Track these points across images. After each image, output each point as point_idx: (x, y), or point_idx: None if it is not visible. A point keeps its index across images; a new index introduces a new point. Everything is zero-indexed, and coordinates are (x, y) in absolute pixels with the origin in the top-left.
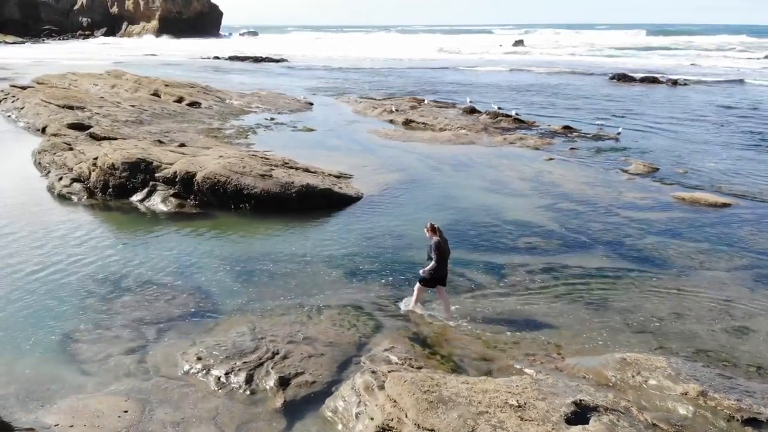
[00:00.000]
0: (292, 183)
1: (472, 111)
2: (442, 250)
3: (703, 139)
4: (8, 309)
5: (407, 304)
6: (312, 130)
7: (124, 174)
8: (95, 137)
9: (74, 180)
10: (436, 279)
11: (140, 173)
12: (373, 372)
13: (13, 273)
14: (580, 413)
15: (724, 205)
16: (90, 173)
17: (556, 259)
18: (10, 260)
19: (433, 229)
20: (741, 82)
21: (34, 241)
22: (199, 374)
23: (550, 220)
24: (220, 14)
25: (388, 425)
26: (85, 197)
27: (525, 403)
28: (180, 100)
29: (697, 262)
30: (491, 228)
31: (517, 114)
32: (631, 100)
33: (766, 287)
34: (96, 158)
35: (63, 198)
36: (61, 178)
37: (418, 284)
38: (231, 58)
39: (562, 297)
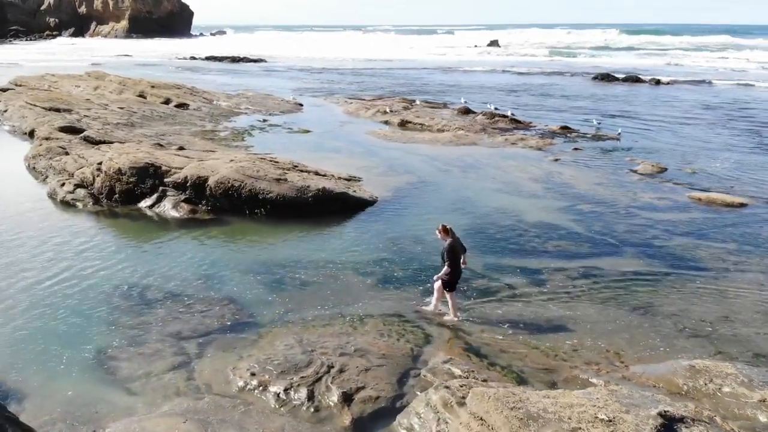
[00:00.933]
0: (308, 187)
1: (466, 111)
2: (455, 253)
3: (701, 138)
4: (32, 325)
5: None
6: (308, 131)
7: (131, 179)
8: (90, 141)
9: (77, 186)
10: (455, 281)
11: (149, 178)
12: (447, 387)
13: (32, 287)
14: (668, 425)
15: (741, 205)
16: (94, 179)
17: (590, 263)
18: (26, 273)
19: (446, 231)
20: (709, 83)
21: (45, 251)
22: (256, 391)
23: (573, 223)
24: (191, 14)
25: None
26: (91, 204)
27: (614, 417)
28: (167, 101)
29: (729, 263)
30: (517, 231)
31: (513, 114)
32: (620, 99)
33: None
34: (100, 163)
35: (67, 205)
36: (63, 184)
37: (444, 290)
38: (208, 59)
39: (607, 302)
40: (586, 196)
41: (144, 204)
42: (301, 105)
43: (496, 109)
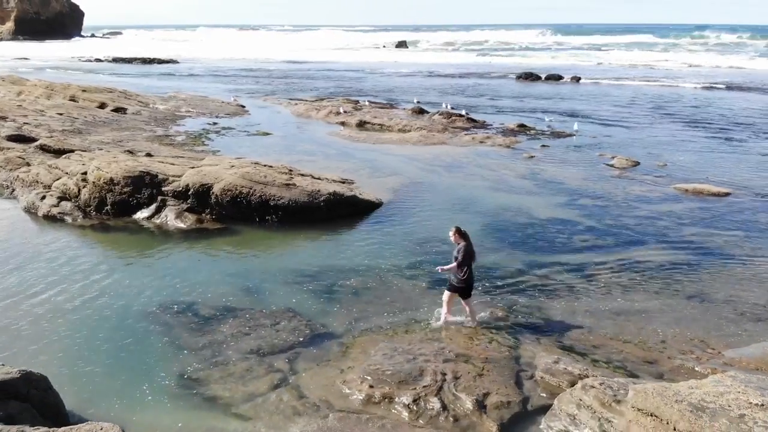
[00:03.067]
0: (319, 191)
1: (420, 111)
2: (470, 256)
3: (652, 133)
4: (89, 356)
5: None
6: (268, 134)
7: (126, 189)
8: (48, 150)
9: (61, 198)
10: (468, 286)
11: (145, 188)
12: (593, 387)
13: (66, 314)
14: None
15: (726, 195)
16: (80, 190)
17: (623, 255)
18: (58, 298)
19: (461, 233)
20: (633, 79)
21: (56, 272)
22: (382, 404)
23: (583, 217)
24: (82, 14)
25: None
26: (81, 217)
27: (763, 402)
28: (102, 105)
29: (747, 249)
30: (537, 228)
31: (468, 114)
32: (557, 97)
33: None
34: (84, 173)
35: (53, 219)
36: (43, 197)
37: (454, 296)
38: (116, 60)
39: (660, 293)
40: (580, 191)
41: (141, 215)
42: (244, 107)
43: (452, 108)
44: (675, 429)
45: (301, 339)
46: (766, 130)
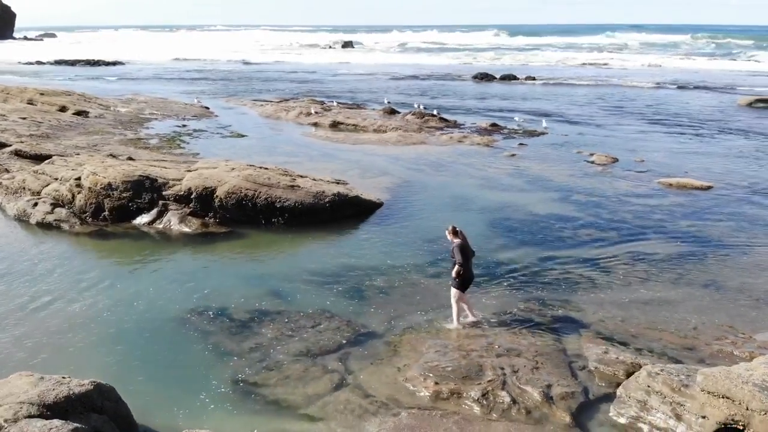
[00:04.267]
0: (323, 192)
1: (392, 112)
2: (465, 253)
3: (620, 130)
4: (140, 366)
5: (455, 319)
6: (243, 136)
7: (125, 194)
8: (23, 155)
9: (54, 205)
10: (466, 282)
11: (145, 192)
12: (659, 373)
13: (98, 325)
14: None
15: (709, 188)
16: (74, 196)
17: (630, 248)
18: (84, 308)
19: (455, 232)
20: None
21: (72, 282)
22: (451, 400)
23: (579, 212)
24: (13, 15)
25: (732, 419)
26: (78, 224)
27: None
28: (63, 109)
29: (743, 238)
30: (540, 224)
31: (439, 114)
32: (510, 97)
33: None
34: (78, 179)
35: (47, 227)
36: (35, 204)
37: (455, 294)
38: (58, 62)
39: (677, 282)
40: (569, 187)
41: (141, 220)
42: (208, 108)
43: (424, 108)
44: (748, 408)
45: (345, 339)
46: (728, 126)
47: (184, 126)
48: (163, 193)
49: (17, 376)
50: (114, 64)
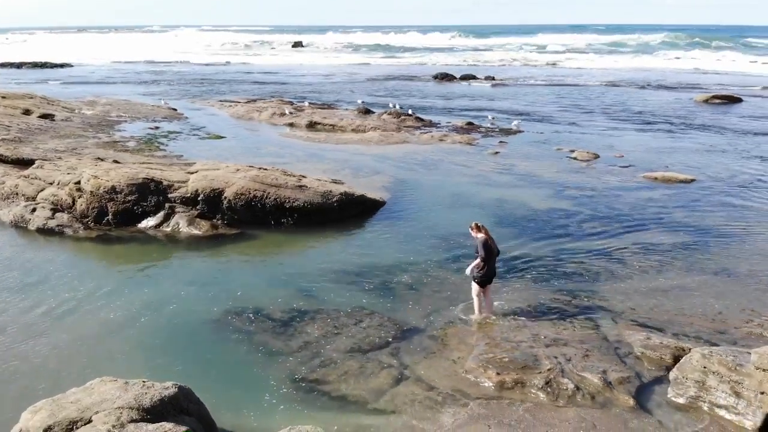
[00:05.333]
0: (331, 192)
1: (366, 111)
2: (489, 248)
3: (592, 127)
4: (192, 369)
5: (477, 311)
6: (221, 137)
7: (129, 197)
8: (3, 160)
9: (54, 210)
10: (488, 278)
11: (151, 195)
12: (713, 354)
13: (133, 329)
14: None
15: (692, 181)
16: (74, 200)
17: (634, 239)
18: (113, 314)
19: (478, 228)
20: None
21: (92, 288)
22: (516, 389)
23: (578, 206)
24: None
25: None
26: (81, 229)
27: None
28: (27, 112)
29: (738, 227)
30: (543, 218)
31: (414, 113)
32: (475, 97)
33: None
34: (78, 182)
35: (49, 233)
36: (34, 209)
37: (475, 288)
38: (2, 65)
39: (690, 270)
40: (560, 182)
41: (147, 224)
42: (176, 109)
43: (400, 108)
44: None
45: (391, 335)
46: (693, 122)
47: (157, 128)
48: (169, 195)
49: (100, 382)
50: (62, 66)
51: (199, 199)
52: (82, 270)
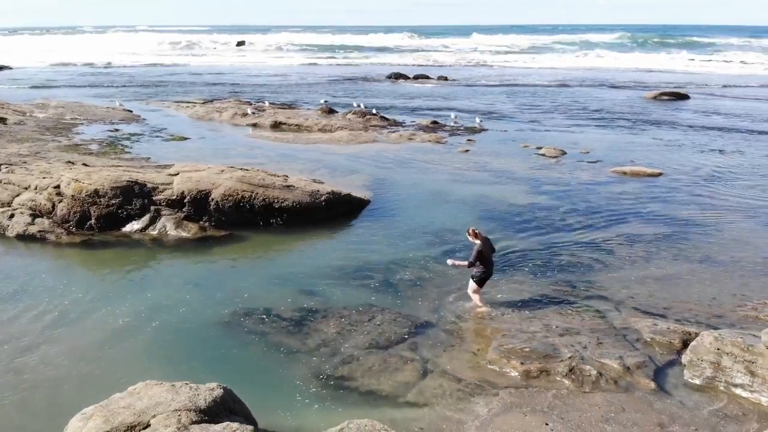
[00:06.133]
0: (318, 191)
1: (330, 111)
2: (482, 255)
3: (551, 124)
4: (212, 372)
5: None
6: (186, 138)
7: (113, 201)
8: None
9: (34, 215)
10: (486, 277)
11: (136, 198)
12: (725, 337)
13: (145, 334)
14: None
15: (660, 175)
16: (54, 205)
17: (618, 231)
18: (122, 320)
19: (476, 234)
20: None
21: (100, 293)
22: (542, 377)
23: (557, 201)
24: None
25: None
26: (64, 234)
27: None
28: None
29: (710, 217)
30: (527, 213)
31: (378, 112)
32: (432, 96)
33: None
34: (57, 186)
35: (30, 240)
36: (12, 215)
37: (472, 287)
38: None
39: (677, 260)
40: (535, 178)
41: (132, 227)
42: (131, 111)
43: (365, 107)
44: None
45: (406, 330)
46: (647, 118)
47: (116, 130)
48: (154, 198)
49: (145, 386)
50: (0, 68)
51: (185, 201)
52: (75, 276)
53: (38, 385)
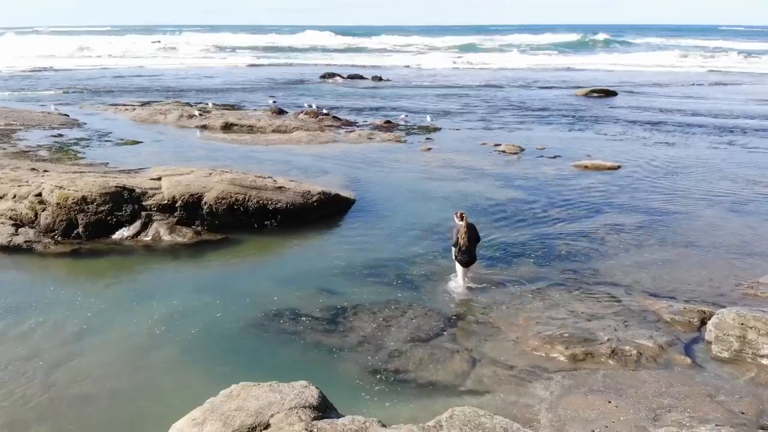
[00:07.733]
0: (309, 192)
1: (280, 111)
2: (457, 233)
3: (500, 121)
4: (257, 375)
5: (456, 282)
6: (138, 142)
7: (102, 208)
8: None
9: (16, 225)
10: (462, 260)
11: (126, 204)
12: (746, 313)
13: (174, 344)
14: None
15: (619, 168)
16: (37, 214)
17: (600, 221)
18: (148, 329)
19: (461, 216)
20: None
21: (114, 303)
22: (587, 360)
23: (533, 195)
24: None
25: None
26: (51, 244)
27: None
28: None
29: (680, 205)
30: (509, 207)
31: (330, 113)
32: (371, 96)
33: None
34: (39, 194)
35: (15, 250)
36: None
37: (457, 267)
38: None
39: (664, 245)
40: (504, 174)
41: (123, 234)
42: (68, 116)
43: (318, 108)
44: None
45: (442, 323)
46: (586, 114)
47: (60, 135)
48: (144, 203)
49: (243, 387)
50: None
51: (176, 205)
52: (77, 287)
53: (94, 397)
